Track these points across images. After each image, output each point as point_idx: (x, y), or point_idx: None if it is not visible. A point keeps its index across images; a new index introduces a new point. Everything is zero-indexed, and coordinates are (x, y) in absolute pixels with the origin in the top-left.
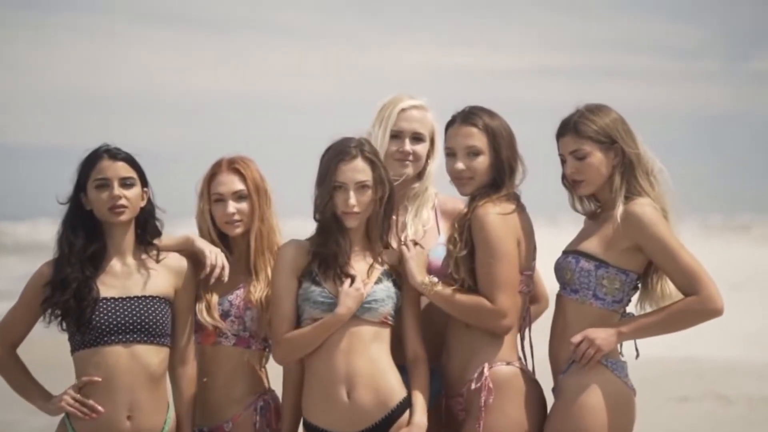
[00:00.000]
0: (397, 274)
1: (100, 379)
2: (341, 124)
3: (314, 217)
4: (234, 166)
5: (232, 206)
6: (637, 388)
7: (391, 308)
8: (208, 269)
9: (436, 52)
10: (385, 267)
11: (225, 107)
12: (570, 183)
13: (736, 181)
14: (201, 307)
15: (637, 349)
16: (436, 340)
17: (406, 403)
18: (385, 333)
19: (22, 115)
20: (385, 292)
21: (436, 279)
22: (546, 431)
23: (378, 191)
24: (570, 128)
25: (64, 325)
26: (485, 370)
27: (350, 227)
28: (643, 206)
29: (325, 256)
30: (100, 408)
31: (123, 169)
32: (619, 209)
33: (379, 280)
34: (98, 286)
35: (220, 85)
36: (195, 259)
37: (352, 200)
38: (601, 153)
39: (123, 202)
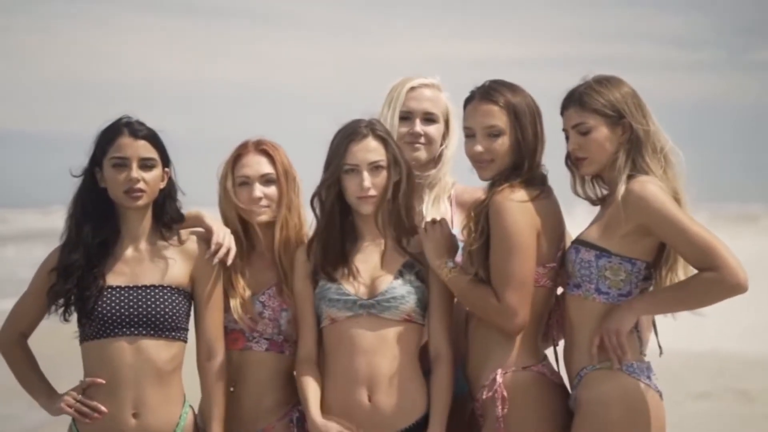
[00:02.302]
0: (423, 264)
1: (104, 382)
2: (347, 115)
3: (311, 203)
4: (262, 147)
5: (258, 190)
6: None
7: (415, 304)
8: (213, 248)
9: (442, 43)
10: (407, 258)
11: (227, 97)
12: (572, 161)
13: (743, 171)
14: (236, 303)
15: (660, 347)
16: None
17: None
18: (412, 332)
19: (20, 104)
20: (405, 287)
21: (452, 264)
22: None
23: (393, 173)
24: (574, 100)
25: (66, 315)
26: (498, 376)
27: (366, 213)
28: (644, 183)
29: (327, 249)
30: (103, 408)
31: (144, 149)
32: (621, 189)
33: (399, 274)
34: (106, 273)
35: (222, 75)
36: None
37: (367, 182)
38: (607, 128)
39: (141, 186)
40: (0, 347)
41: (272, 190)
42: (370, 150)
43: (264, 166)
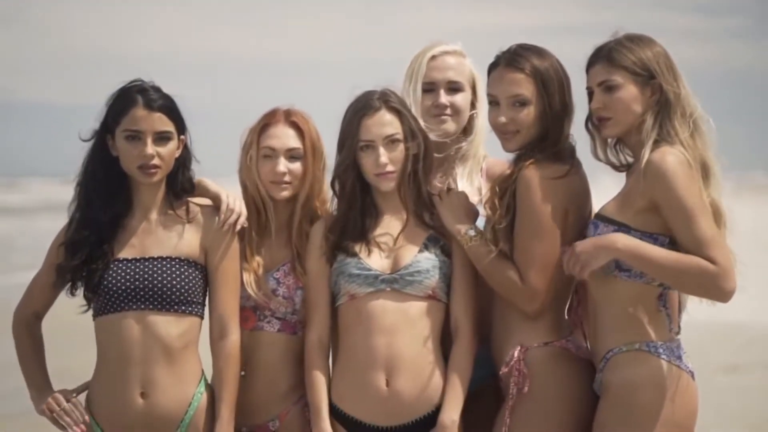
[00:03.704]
0: (447, 237)
1: (86, 422)
2: (367, 85)
3: (331, 185)
4: (292, 119)
5: (283, 164)
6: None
7: (440, 279)
8: (222, 215)
9: (466, 11)
10: (430, 232)
11: (245, 69)
12: (594, 122)
13: None
14: (249, 278)
15: (678, 325)
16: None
17: None
18: (436, 310)
19: (38, 75)
20: (430, 261)
21: (473, 232)
22: None
23: (411, 145)
24: (602, 56)
25: (73, 290)
26: (516, 353)
27: (386, 190)
28: (665, 153)
29: (347, 226)
30: (83, 427)
31: (159, 122)
32: (645, 155)
33: (423, 248)
34: (115, 246)
35: (240, 47)
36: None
37: (384, 158)
38: (636, 87)
39: (156, 161)
40: (12, 327)
41: (297, 166)
42: (385, 124)
43: (292, 140)
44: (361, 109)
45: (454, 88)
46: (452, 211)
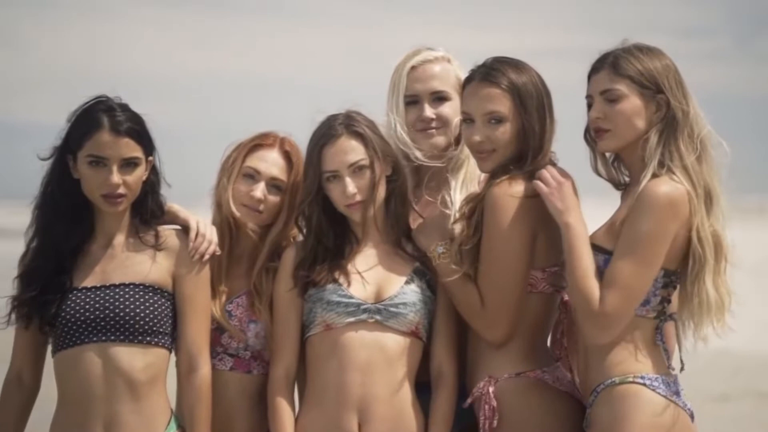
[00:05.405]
0: (432, 271)
1: None
2: (353, 107)
3: (296, 222)
4: (286, 148)
5: (261, 190)
6: None
7: (424, 315)
8: (193, 244)
9: (457, 34)
10: (416, 264)
11: (233, 88)
12: (592, 134)
13: (758, 162)
14: (215, 307)
15: (682, 361)
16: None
17: None
18: (415, 349)
19: (26, 95)
20: (416, 294)
21: (441, 249)
22: None
23: (378, 170)
24: (608, 63)
25: (29, 325)
26: (482, 384)
27: (359, 220)
28: (662, 183)
29: (318, 261)
30: None
31: (126, 148)
32: (643, 182)
33: (410, 280)
34: (74, 274)
35: (228, 67)
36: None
37: (351, 188)
38: (640, 101)
39: (121, 190)
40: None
41: (274, 198)
42: (348, 151)
43: (278, 170)
44: (321, 137)
45: (439, 97)
46: (425, 230)
